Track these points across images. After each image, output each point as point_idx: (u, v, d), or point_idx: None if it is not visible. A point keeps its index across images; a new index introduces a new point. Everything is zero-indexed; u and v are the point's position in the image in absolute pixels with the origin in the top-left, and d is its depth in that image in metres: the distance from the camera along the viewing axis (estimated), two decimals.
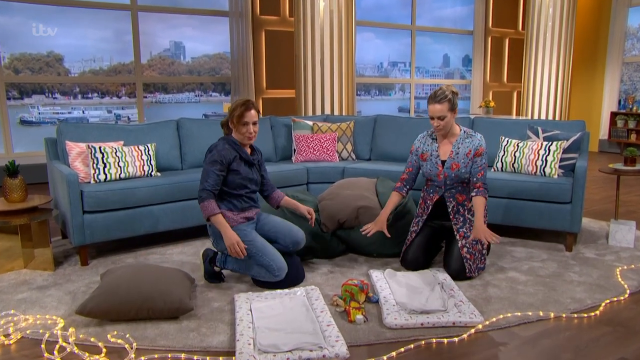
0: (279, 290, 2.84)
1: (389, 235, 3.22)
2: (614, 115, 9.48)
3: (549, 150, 3.76)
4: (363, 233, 3.21)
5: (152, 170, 3.89)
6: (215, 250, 3.17)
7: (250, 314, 2.53)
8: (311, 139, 4.80)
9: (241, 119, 2.96)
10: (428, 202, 3.30)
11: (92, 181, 3.57)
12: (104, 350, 2.30)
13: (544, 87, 8.49)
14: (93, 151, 3.58)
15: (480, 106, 8.49)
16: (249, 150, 3.11)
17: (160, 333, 2.45)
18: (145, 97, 7.09)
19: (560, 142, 3.77)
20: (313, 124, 5.01)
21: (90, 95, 6.98)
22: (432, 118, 3.09)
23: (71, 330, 2.47)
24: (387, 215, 3.25)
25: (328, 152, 4.78)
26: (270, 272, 2.88)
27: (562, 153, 3.77)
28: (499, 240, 2.93)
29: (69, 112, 6.87)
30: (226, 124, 3.12)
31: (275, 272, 2.87)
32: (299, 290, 2.84)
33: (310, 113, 6.79)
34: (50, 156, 3.86)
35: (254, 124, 3.01)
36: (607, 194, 5.73)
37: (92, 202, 3.37)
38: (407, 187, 3.34)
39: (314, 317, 2.48)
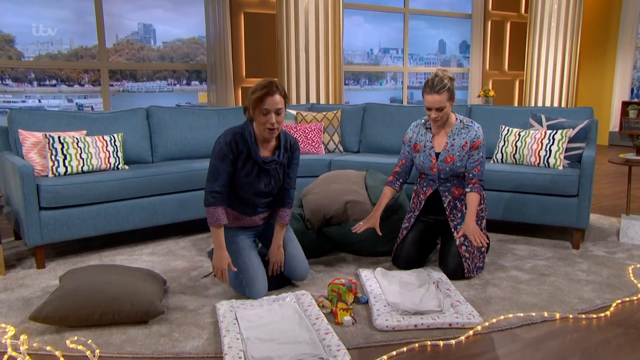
0: (265, 297, 2.81)
1: (380, 233, 3.24)
2: (625, 105, 9.57)
3: (554, 139, 3.79)
4: (353, 231, 3.22)
5: (118, 163, 3.86)
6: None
7: (236, 323, 2.49)
8: (295, 130, 4.79)
9: (260, 105, 2.61)
10: (421, 196, 3.31)
11: (50, 174, 3.53)
12: (61, 359, 2.26)
13: (549, 75, 8.55)
14: (51, 141, 3.54)
15: (479, 96, 8.54)
16: (270, 149, 2.83)
17: (127, 339, 2.42)
18: (112, 85, 7.00)
19: (565, 131, 3.80)
20: (297, 114, 5.01)
21: (47, 83, 6.88)
22: (430, 109, 3.09)
23: (23, 338, 2.41)
24: (380, 211, 3.26)
25: (313, 144, 4.77)
26: (243, 291, 2.86)
27: (568, 142, 3.80)
28: (485, 244, 3.02)
29: (23, 101, 6.74)
30: (247, 109, 2.77)
31: (247, 294, 2.83)
32: (288, 296, 2.80)
33: (294, 104, 6.77)
34: (0, 147, 3.81)
35: (277, 112, 2.65)
36: (618, 188, 5.80)
37: (50, 198, 3.33)
38: (400, 180, 3.35)
39: (309, 325, 2.45)
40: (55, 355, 2.29)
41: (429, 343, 2.38)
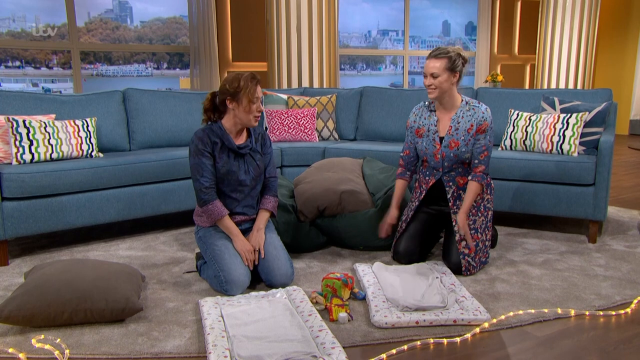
0: (253, 293, 2.82)
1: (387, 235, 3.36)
2: None
3: (568, 123, 3.79)
4: (380, 236, 3.37)
5: (92, 150, 3.85)
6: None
7: (222, 320, 2.50)
8: (286, 115, 4.79)
9: (251, 95, 2.90)
10: (423, 186, 3.31)
11: (15, 162, 3.51)
12: None
13: (563, 59, 8.57)
14: (15, 125, 3.51)
15: (486, 81, 8.56)
16: (242, 139, 3.05)
17: (100, 339, 2.40)
18: (84, 68, 6.98)
19: (581, 114, 3.80)
20: (288, 98, 5.00)
21: (10, 64, 6.82)
22: (425, 76, 3.14)
23: None
24: (398, 207, 3.36)
25: (306, 131, 4.77)
26: (219, 283, 2.87)
27: (584, 127, 3.80)
28: (472, 248, 3.10)
29: None
30: (210, 108, 3.00)
31: (224, 285, 2.83)
32: (278, 292, 2.81)
33: (285, 87, 6.76)
34: None
35: (261, 100, 3.00)
36: (639, 180, 5.82)
37: (14, 187, 3.30)
38: (409, 171, 3.40)
39: (301, 322, 2.46)
40: (19, 357, 2.26)
41: (431, 341, 2.37)
